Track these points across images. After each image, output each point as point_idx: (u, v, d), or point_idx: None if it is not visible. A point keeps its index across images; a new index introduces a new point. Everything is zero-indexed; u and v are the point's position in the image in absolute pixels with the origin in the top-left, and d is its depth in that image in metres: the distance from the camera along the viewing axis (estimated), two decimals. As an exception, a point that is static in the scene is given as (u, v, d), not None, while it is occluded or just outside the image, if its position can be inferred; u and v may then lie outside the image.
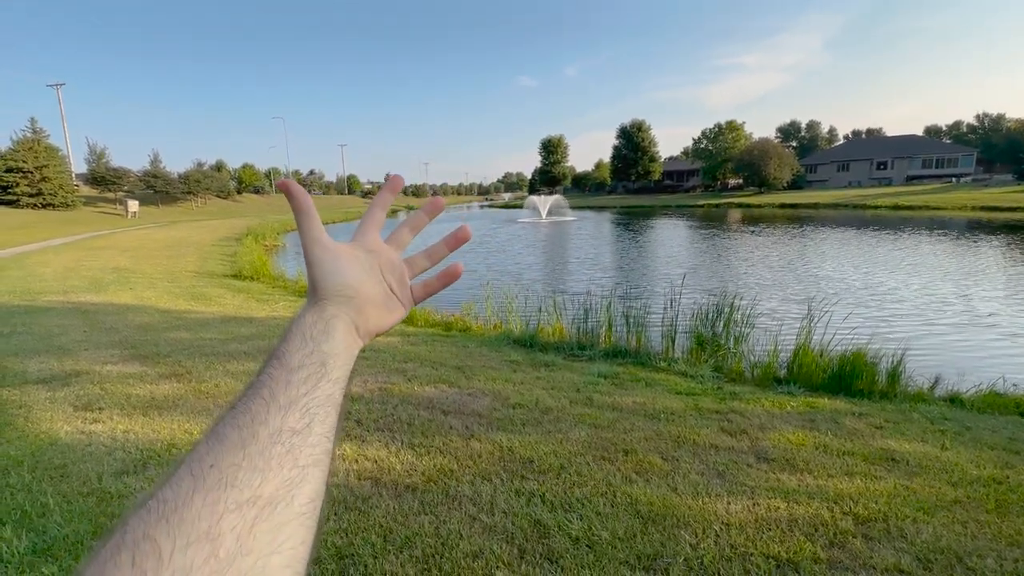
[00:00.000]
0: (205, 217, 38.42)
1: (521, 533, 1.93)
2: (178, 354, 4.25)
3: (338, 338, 0.38)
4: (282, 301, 8.03)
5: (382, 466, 2.42)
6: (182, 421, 2.88)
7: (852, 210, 33.12)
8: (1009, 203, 28.49)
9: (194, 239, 19.95)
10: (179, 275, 10.79)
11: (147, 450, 2.53)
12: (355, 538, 1.89)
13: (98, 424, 2.84)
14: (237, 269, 11.92)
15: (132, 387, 3.44)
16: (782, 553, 1.85)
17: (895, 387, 4.26)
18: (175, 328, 5.46)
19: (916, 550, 1.89)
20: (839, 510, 2.14)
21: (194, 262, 13.43)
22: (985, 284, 10.01)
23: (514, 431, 2.87)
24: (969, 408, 3.91)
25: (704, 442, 2.81)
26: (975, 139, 62.69)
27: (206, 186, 46.14)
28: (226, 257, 14.89)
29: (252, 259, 12.65)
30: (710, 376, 4.45)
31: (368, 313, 0.42)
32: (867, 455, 2.71)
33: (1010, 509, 2.20)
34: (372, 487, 2.24)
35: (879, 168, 53.11)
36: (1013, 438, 3.14)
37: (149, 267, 11.78)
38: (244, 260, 12.79)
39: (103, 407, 3.08)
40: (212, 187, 47.51)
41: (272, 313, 6.81)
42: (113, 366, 3.93)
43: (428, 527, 1.96)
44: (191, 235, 21.70)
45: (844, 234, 20.18)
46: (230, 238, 20.68)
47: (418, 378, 3.77)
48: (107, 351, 4.38)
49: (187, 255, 14.82)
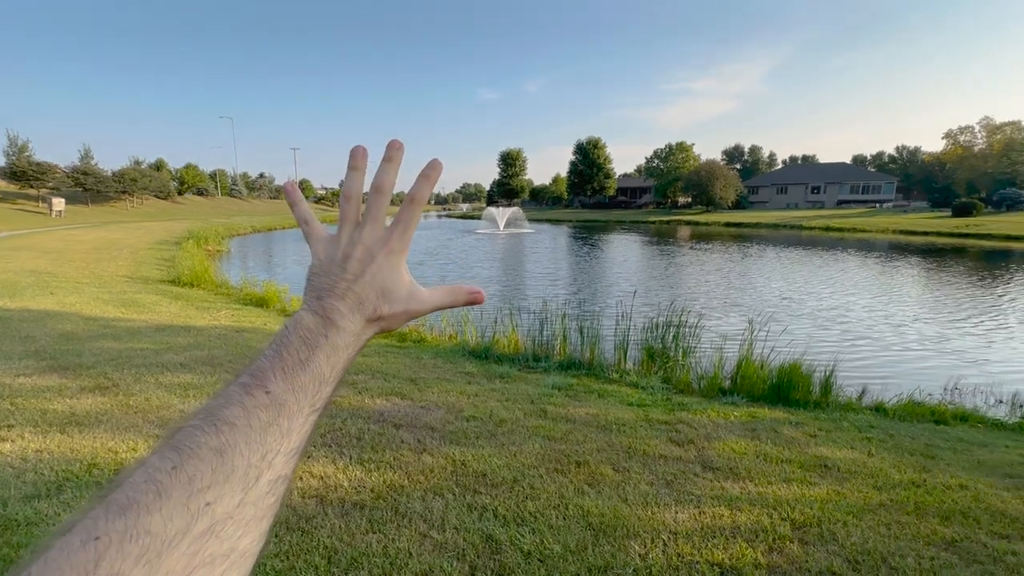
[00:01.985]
0: (141, 218, 36.07)
1: (473, 549, 1.90)
2: (104, 365, 3.93)
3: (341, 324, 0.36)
4: (225, 309, 7.61)
5: (328, 483, 2.32)
6: (105, 439, 2.66)
7: (790, 230, 35.29)
8: (924, 228, 31.32)
9: (128, 241, 18.65)
10: (109, 280, 10.03)
11: (63, 472, 2.31)
12: (297, 561, 1.79)
13: (6, 444, 2.57)
14: (176, 275, 11.22)
15: (49, 402, 3.14)
16: (725, 560, 1.91)
17: (828, 397, 4.54)
18: (102, 337, 5.05)
19: (846, 552, 2.00)
20: (778, 516, 2.24)
21: (127, 266, 12.54)
22: (905, 302, 10.90)
23: (467, 444, 2.83)
24: (891, 416, 4.22)
25: (654, 452, 2.87)
26: (895, 168, 68.65)
27: (143, 186, 43.39)
28: (163, 261, 14.01)
29: (193, 264, 11.94)
30: (660, 387, 4.59)
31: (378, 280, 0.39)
32: (803, 462, 2.86)
33: (927, 511, 2.38)
34: (317, 506, 2.14)
35: (813, 192, 57.10)
36: (929, 443, 3.41)
37: (74, 271, 10.88)
38: (184, 265, 12.06)
39: (13, 424, 2.79)
40: (150, 187, 44.76)
41: (213, 322, 6.44)
42: (27, 378, 3.58)
43: (376, 546, 1.89)
44: (124, 237, 20.29)
45: (784, 253, 21.46)
46: (168, 241, 19.48)
47: (369, 390, 3.66)
48: (21, 362, 3.99)
49: (119, 258, 13.83)
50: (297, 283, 12.37)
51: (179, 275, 11.06)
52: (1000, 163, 44.60)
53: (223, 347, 4.82)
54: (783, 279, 13.94)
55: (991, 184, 43.56)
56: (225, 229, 28.22)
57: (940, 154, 52.87)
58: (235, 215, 46.03)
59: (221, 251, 20.34)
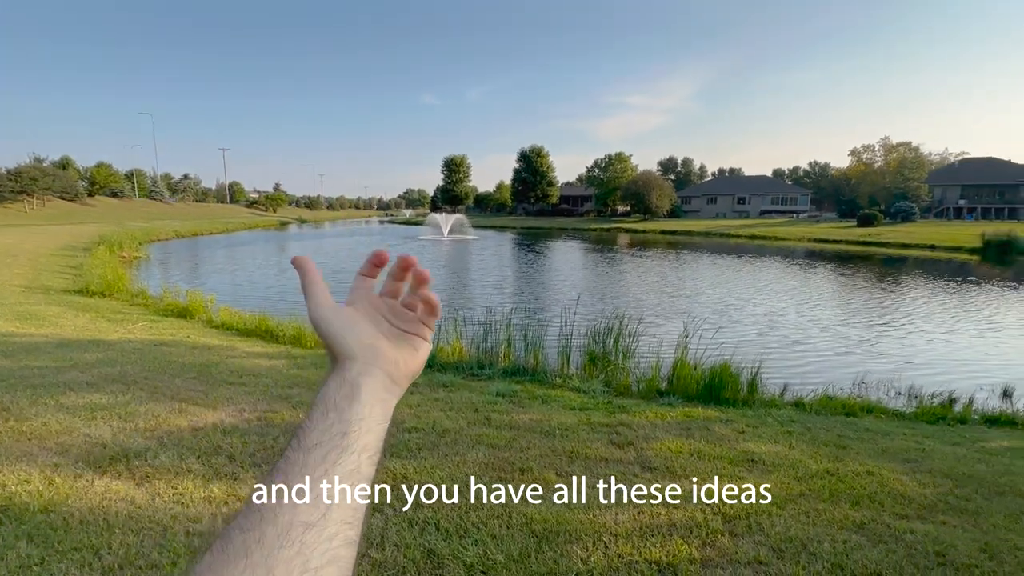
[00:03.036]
0: (44, 221, 32.60)
1: (413, 566, 1.84)
2: (-8, 387, 3.48)
3: (365, 398, 0.37)
4: (142, 321, 7.00)
5: (257, 506, 2.17)
6: (-8, 471, 2.34)
7: (720, 238, 37.56)
8: (835, 236, 34.49)
9: (26, 247, 16.77)
10: (1, 290, 8.94)
11: (-64, 511, 2.01)
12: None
13: None
14: (84, 284, 10.20)
15: (-81, 431, 2.73)
16: (663, 558, 1.97)
17: (754, 395, 4.84)
18: (-10, 355, 4.48)
19: (771, 541, 2.13)
20: (710, 511, 2.35)
21: (24, 274, 11.26)
22: (820, 304, 11.89)
23: (409, 456, 2.76)
24: (809, 411, 4.57)
25: (595, 456, 2.93)
26: (809, 182, 75.06)
27: (45, 186, 39.28)
28: (70, 269, 12.71)
29: (104, 272, 10.89)
30: (601, 391, 4.70)
31: (395, 358, 0.41)
32: (732, 458, 3.02)
33: (840, 497, 2.59)
34: (244, 531, 2.00)
35: (739, 203, 61.19)
36: (841, 435, 3.72)
37: (-43, 280, 9.62)
38: (94, 273, 10.98)
39: None
40: (53, 187, 40.54)
41: (128, 335, 5.90)
42: None
43: (309, 571, 1.78)
44: (22, 242, 18.22)
45: (717, 259, 22.79)
46: (76, 247, 17.72)
47: (304, 404, 3.48)
48: None
49: (15, 265, 12.39)
50: (225, 292, 11.61)
51: (88, 284, 10.06)
52: (896, 179, 49.92)
53: (138, 362, 4.42)
54: (717, 285, 14.79)
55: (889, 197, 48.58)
56: (143, 234, 26.00)
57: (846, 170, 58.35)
58: (155, 219, 42.62)
59: (139, 257, 18.73)
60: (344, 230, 47.35)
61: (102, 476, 2.35)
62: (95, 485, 2.26)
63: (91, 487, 2.25)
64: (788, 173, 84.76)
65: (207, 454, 2.63)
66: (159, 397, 3.48)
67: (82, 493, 2.19)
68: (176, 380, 3.94)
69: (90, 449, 2.61)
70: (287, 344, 6.32)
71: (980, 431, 4.34)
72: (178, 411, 3.22)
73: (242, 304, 9.01)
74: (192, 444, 2.74)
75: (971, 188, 49.45)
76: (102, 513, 2.05)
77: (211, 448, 2.70)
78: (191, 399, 3.48)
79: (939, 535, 2.26)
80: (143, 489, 2.26)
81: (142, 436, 2.82)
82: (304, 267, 0.42)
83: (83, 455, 2.54)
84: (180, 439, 2.79)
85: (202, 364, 4.56)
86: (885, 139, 53.28)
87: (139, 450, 2.62)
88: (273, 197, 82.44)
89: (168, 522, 2.02)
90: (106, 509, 2.08)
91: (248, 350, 5.55)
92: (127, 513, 2.06)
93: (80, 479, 2.30)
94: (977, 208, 47.65)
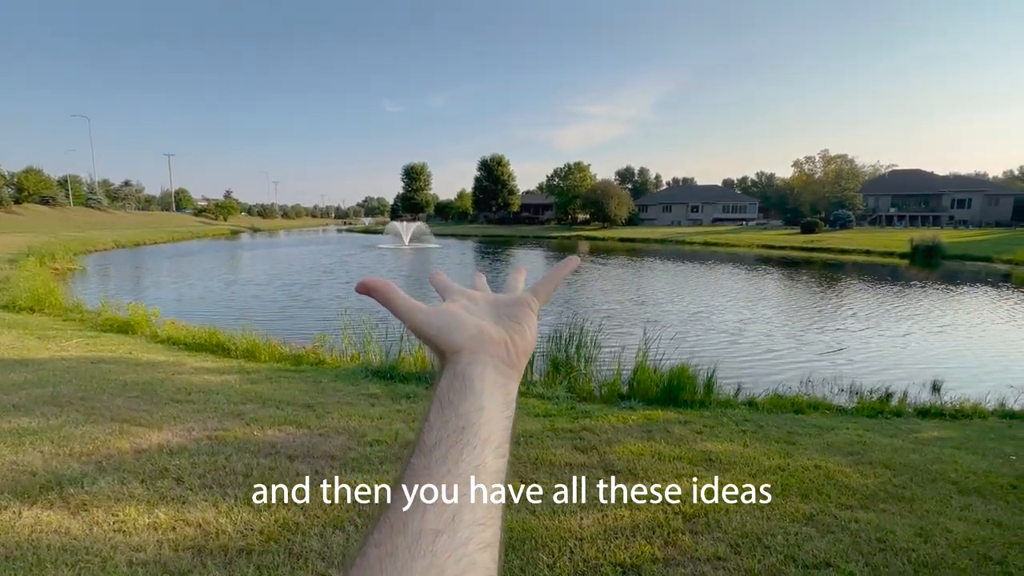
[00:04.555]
0: (-39, 231, 29.94)
1: (377, 583, 1.79)
2: (-100, 414, 3.15)
3: (479, 387, 0.35)
4: (77, 337, 6.52)
5: (208, 530, 2.06)
6: (-100, 507, 2.12)
7: (675, 245, 38.89)
8: (781, 243, 36.44)
9: (-59, 259, 15.34)
10: (-89, 307, 8.13)
11: None
12: (167, 626, 1.56)
13: None
14: (10, 298, 9.43)
15: None
16: (627, 559, 2.00)
17: (711, 396, 5.01)
18: (-102, 379, 4.06)
19: (729, 538, 2.21)
20: (671, 511, 2.40)
21: (-62, 289, 10.28)
22: (771, 307, 12.48)
23: (371, 471, 2.69)
24: (761, 409, 4.77)
25: (560, 461, 2.95)
26: (757, 191, 79.02)
27: (-35, 192, 36.05)
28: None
29: (33, 285, 10.10)
30: (565, 396, 4.74)
31: (504, 339, 0.39)
32: (691, 458, 3.12)
33: (790, 492, 2.71)
34: (194, 558, 1.89)
35: (693, 211, 63.61)
36: (791, 431, 3.90)
37: None
38: (22, 287, 10.17)
39: None
40: (-26, 194, 37.31)
41: (60, 353, 5.49)
42: None
43: (266, 595, 1.71)
44: (-64, 254, 16.66)
45: (671, 265, 23.53)
46: (1, 258, 16.35)
47: (259, 421, 3.34)
48: None
49: (-73, 280, 11.30)
50: (171, 305, 11.00)
51: (14, 299, 9.31)
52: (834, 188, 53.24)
53: (73, 382, 4.12)
54: (677, 291, 15.26)
55: (828, 206, 51.74)
56: (79, 244, 24.29)
57: (790, 180, 61.73)
58: (93, 228, 39.93)
59: (74, 269, 17.48)
60: (300, 239, 45.87)
61: (31, 507, 2.17)
62: (23, 517, 2.09)
63: (18, 519, 2.07)
64: (737, 183, 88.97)
65: (151, 477, 2.47)
66: (97, 419, 3.25)
67: (8, 526, 2.02)
68: (116, 400, 3.69)
69: (17, 478, 2.41)
70: (240, 358, 6.05)
71: (913, 423, 4.66)
72: (119, 433, 3.02)
73: (190, 318, 8.56)
74: (135, 467, 2.57)
75: (900, 197, 53.44)
76: (31, 547, 1.89)
77: (156, 471, 2.54)
78: (133, 419, 3.27)
79: (880, 523, 2.40)
80: (79, 519, 2.10)
81: (78, 461, 2.62)
82: (374, 286, 0.40)
83: (9, 484, 2.34)
84: (121, 463, 2.62)
85: (146, 382, 4.29)
86: (824, 151, 56.71)
87: (74, 476, 2.44)
88: (223, 205, 78.71)
89: (108, 553, 1.88)
90: (36, 542, 1.92)
91: (197, 365, 5.28)
92: (60, 545, 1.91)
93: (6, 511, 2.12)
94: (906, 216, 51.50)
